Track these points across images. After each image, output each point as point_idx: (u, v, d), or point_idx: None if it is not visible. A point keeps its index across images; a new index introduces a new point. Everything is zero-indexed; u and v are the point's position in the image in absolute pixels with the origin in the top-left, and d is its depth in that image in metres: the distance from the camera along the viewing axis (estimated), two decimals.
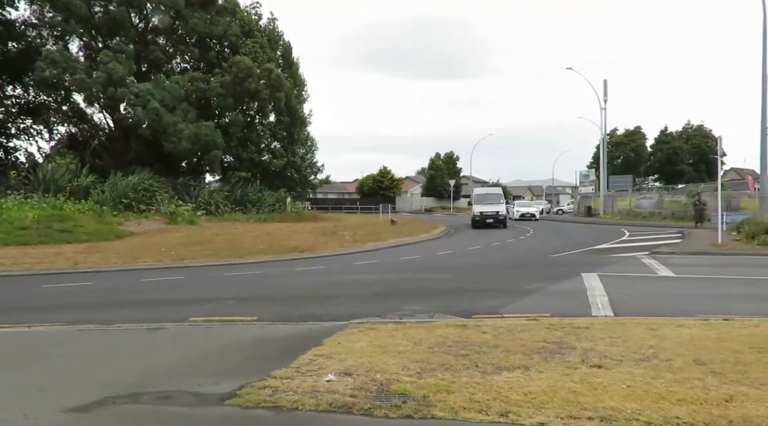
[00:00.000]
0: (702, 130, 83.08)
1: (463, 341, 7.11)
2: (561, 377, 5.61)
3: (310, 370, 6.02)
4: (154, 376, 6.17)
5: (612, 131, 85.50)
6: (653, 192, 50.96)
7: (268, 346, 7.43)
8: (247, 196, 39.11)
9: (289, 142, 44.73)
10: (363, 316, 9.20)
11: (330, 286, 13.39)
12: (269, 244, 23.23)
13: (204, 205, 35.16)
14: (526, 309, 9.72)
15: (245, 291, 13.00)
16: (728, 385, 5.33)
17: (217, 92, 37.02)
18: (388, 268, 17.04)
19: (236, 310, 10.36)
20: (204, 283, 14.80)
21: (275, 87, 39.25)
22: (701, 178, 72.92)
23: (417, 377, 5.71)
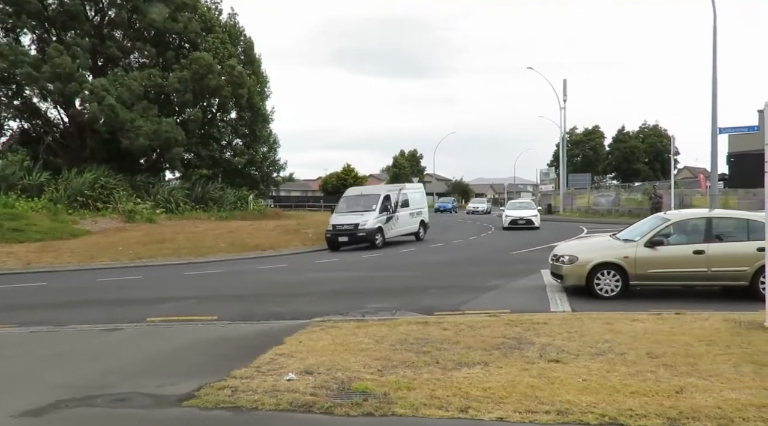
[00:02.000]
0: (657, 130, 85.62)
1: (425, 338, 7.17)
2: (519, 372, 5.71)
3: (271, 370, 5.99)
4: (109, 378, 6.03)
5: (571, 130, 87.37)
6: (611, 190, 52.16)
7: (228, 345, 7.36)
8: (208, 193, 38.50)
9: (251, 139, 44.16)
10: (325, 314, 9.20)
11: (292, 285, 13.32)
12: (231, 242, 22.95)
13: (164, 203, 34.46)
14: (487, 305, 9.86)
15: (206, 290, 12.82)
16: (679, 377, 5.52)
17: (175, 88, 36.25)
18: (351, 266, 17.03)
19: (196, 309, 10.23)
20: (163, 282, 14.54)
21: (237, 83, 38.69)
22: (656, 176, 75.17)
23: (378, 375, 5.73)
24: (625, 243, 10.88)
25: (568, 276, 10.84)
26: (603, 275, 10.48)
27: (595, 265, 10.50)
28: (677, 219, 11.06)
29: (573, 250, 11.35)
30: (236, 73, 38.56)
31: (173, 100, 38.30)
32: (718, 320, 7.89)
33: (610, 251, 10.76)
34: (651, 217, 11.99)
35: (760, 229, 10.13)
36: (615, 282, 10.45)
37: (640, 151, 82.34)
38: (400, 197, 23.78)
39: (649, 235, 10.53)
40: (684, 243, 10.54)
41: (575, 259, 10.76)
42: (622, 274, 10.42)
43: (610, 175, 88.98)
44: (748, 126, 25.76)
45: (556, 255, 11.37)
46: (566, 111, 51.45)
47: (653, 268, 10.33)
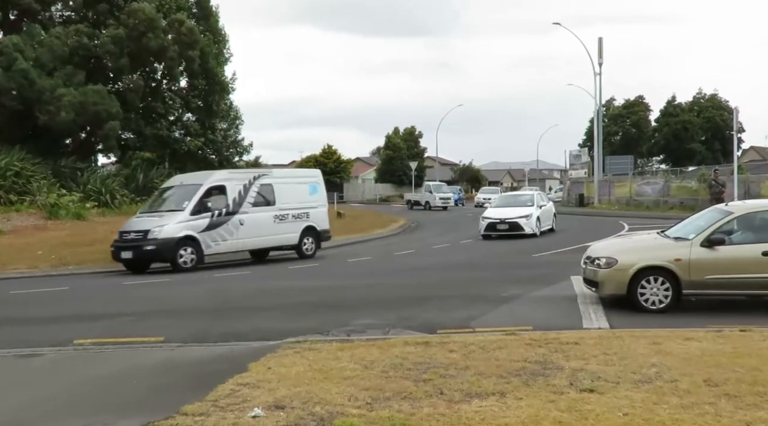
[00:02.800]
0: (716, 101, 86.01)
1: (426, 363, 7.15)
2: (545, 405, 5.70)
3: (232, 404, 5.95)
4: (24, 416, 5.98)
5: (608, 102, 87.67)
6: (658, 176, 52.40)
7: (177, 373, 7.33)
8: (152, 182, 38.34)
9: (206, 114, 43.99)
10: (300, 334, 9.15)
11: (259, 296, 13.29)
12: None
13: (95, 195, 34.29)
14: (503, 321, 9.85)
15: (149, 304, 12.77)
16: (745, 410, 5.53)
17: (108, 50, 36.02)
18: (333, 272, 17.02)
19: (137, 328, 10.17)
20: (95, 294, 14.48)
21: (187, 43, 38.48)
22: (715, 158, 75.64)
23: (367, 409, 5.71)
24: (676, 242, 10.91)
25: (605, 283, 10.85)
26: (649, 282, 10.49)
27: (639, 270, 10.51)
28: (742, 212, 11.08)
29: (611, 250, 11.37)
30: (185, 30, 38.32)
31: (106, 64, 38.02)
32: None
33: (658, 252, 10.79)
34: (709, 210, 12.04)
35: None
36: (664, 291, 10.46)
37: (694, 128, 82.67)
38: (250, 190, 19.02)
39: (707, 232, 10.54)
40: (751, 242, 10.57)
41: (614, 262, 10.77)
42: (673, 281, 10.42)
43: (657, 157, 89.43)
44: None
45: (591, 257, 11.38)
46: (602, 77, 51.52)
47: (712, 274, 10.36)
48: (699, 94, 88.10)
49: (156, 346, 8.89)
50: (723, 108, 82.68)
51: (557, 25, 51.37)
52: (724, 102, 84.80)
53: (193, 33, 38.97)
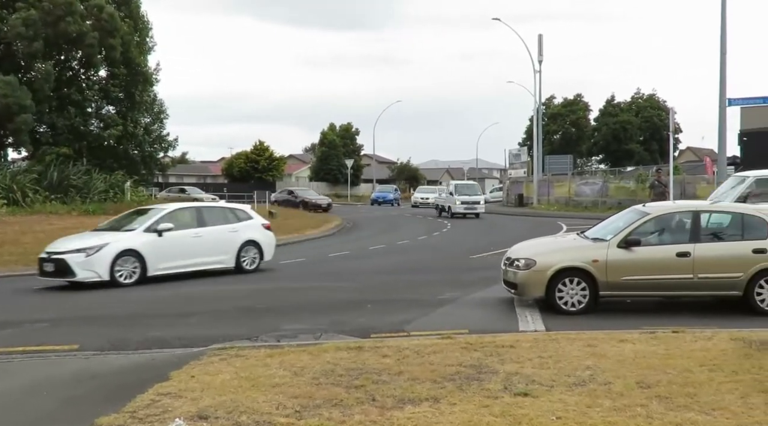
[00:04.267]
0: (654, 101, 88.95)
1: (358, 368, 7.20)
2: (478, 410, 5.81)
3: (151, 415, 5.86)
4: None
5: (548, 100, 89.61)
6: (597, 176, 53.89)
7: (92, 384, 7.17)
8: (68, 180, 37.18)
9: (127, 106, 42.93)
10: (227, 340, 9.10)
11: (183, 301, 13.09)
12: None
13: (4, 192, 33.06)
14: (439, 324, 9.98)
15: (63, 310, 12.42)
16: (675, 411, 5.76)
17: (18, 33, 34.73)
18: (263, 275, 16.88)
19: (49, 336, 9.89)
20: (3, 300, 13.98)
21: (106, 30, 37.49)
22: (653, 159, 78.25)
23: (296, 417, 5.71)
24: (594, 243, 11.21)
25: (524, 285, 11.08)
26: (567, 284, 10.77)
27: (557, 271, 10.76)
28: (659, 213, 11.50)
29: (530, 252, 11.53)
30: (105, 16, 37.35)
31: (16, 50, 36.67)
32: (723, 339, 8.30)
33: (576, 254, 11.06)
34: (627, 211, 12.41)
35: (757, 225, 10.76)
36: (581, 292, 10.76)
37: (633, 128, 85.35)
38: None
39: (624, 233, 10.89)
40: (666, 243, 11.01)
41: (533, 264, 10.98)
42: (591, 283, 10.73)
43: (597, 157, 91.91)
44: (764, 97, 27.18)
45: (510, 258, 11.56)
46: (542, 75, 52.67)
47: (628, 275, 10.70)
48: (637, 94, 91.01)
49: (70, 354, 8.67)
50: (661, 108, 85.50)
51: (497, 20, 52.07)
52: (662, 102, 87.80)
53: (114, 19, 38.04)
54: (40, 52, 36.21)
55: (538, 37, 52.83)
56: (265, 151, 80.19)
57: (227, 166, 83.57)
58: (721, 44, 25.87)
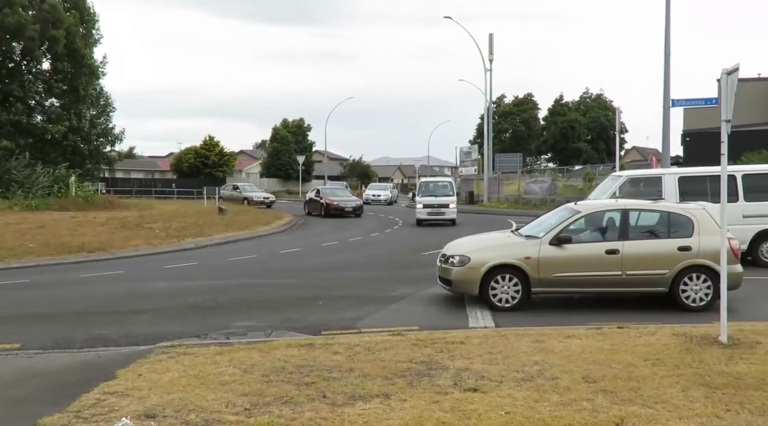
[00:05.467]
0: (601, 101, 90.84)
1: (309, 366, 7.20)
2: (428, 405, 5.87)
3: (97, 414, 5.78)
4: None
5: (499, 99, 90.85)
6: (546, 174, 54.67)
7: (35, 383, 7.04)
8: (9, 174, 36.28)
9: (72, 99, 41.94)
10: (175, 338, 9.03)
11: (130, 298, 12.87)
12: (43, 241, 21.78)
13: None
14: (390, 321, 10.06)
15: (4, 308, 12.09)
16: (620, 405, 5.92)
17: None
18: (213, 271, 16.72)
19: None
20: None
21: (50, 21, 36.60)
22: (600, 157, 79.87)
23: (245, 415, 5.70)
24: (527, 240, 11.44)
25: (458, 281, 11.25)
26: (499, 281, 10.96)
27: (490, 268, 10.96)
28: (589, 211, 11.80)
29: (465, 249, 11.71)
30: (48, 7, 36.43)
31: None
32: (666, 334, 8.53)
33: (509, 250, 11.26)
34: (560, 209, 12.66)
35: (682, 224, 11.11)
36: (514, 288, 10.96)
37: (581, 127, 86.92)
38: None
39: (555, 231, 11.14)
40: (596, 241, 11.29)
41: (467, 260, 11.18)
42: (523, 279, 10.94)
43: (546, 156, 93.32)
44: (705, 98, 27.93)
45: (445, 255, 11.71)
46: (493, 74, 53.24)
47: (559, 272, 10.94)
48: (586, 93, 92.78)
49: (11, 353, 8.48)
50: (608, 108, 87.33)
51: (448, 18, 52.37)
52: (609, 102, 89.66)
53: (57, 10, 37.18)
54: None
55: (489, 36, 53.37)
56: (215, 146, 79.24)
57: (176, 161, 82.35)
58: (665, 46, 26.50)
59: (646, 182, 17.15)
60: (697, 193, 14.85)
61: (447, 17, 52.58)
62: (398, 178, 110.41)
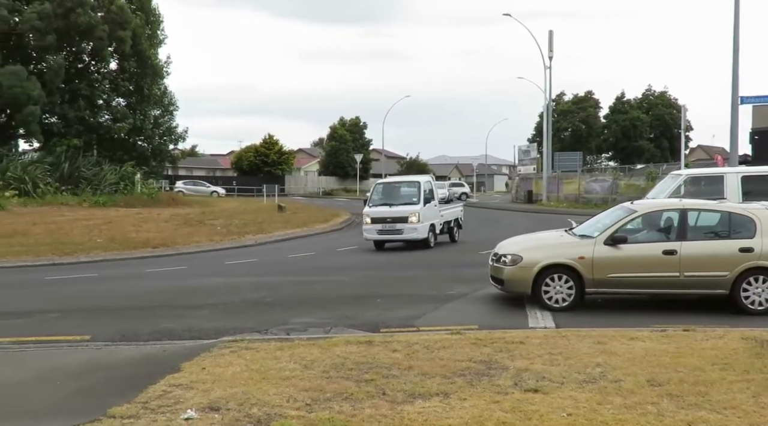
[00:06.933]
0: (665, 99, 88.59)
1: (368, 363, 7.21)
2: (489, 405, 5.82)
3: (163, 406, 5.90)
4: None
5: (558, 97, 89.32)
6: (607, 173, 53.64)
7: (104, 374, 7.21)
8: (79, 171, 37.43)
9: (137, 99, 43.11)
10: (237, 333, 9.14)
11: (193, 293, 13.15)
12: (110, 236, 22.44)
13: (15, 183, 33.28)
14: (448, 320, 9.99)
15: (74, 301, 12.52)
16: (686, 410, 5.75)
17: (33, 26, 34.88)
18: (272, 268, 16.94)
19: (60, 326, 9.99)
20: (14, 290, 14.10)
21: (117, 22, 37.64)
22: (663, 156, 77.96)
23: (306, 410, 5.73)
24: (581, 240, 11.23)
25: (510, 281, 11.11)
26: (553, 280, 10.77)
27: (543, 268, 10.79)
28: (646, 210, 11.50)
29: (517, 248, 11.57)
30: (116, 8, 37.45)
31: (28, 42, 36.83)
32: (735, 338, 8.27)
33: (563, 250, 11.07)
34: (615, 208, 12.39)
35: (744, 224, 10.70)
36: (567, 289, 10.75)
37: (643, 125, 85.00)
38: None
39: (611, 230, 10.89)
40: (653, 241, 11.00)
41: (519, 260, 11.03)
42: (577, 279, 10.73)
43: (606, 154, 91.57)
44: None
45: (497, 254, 11.59)
46: (552, 71, 52.37)
47: (614, 272, 10.69)
48: (648, 91, 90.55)
49: (82, 345, 8.74)
50: (672, 106, 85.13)
51: (507, 16, 51.95)
52: (673, 100, 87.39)
53: (124, 11, 38.19)
54: (53, 46, 36.36)
55: (549, 33, 52.54)
56: (275, 144, 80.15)
57: (236, 159, 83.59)
58: (734, 42, 25.68)
59: (707, 181, 16.65)
60: (762, 193, 14.34)
61: (506, 15, 52.27)
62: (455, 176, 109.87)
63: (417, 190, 21.33)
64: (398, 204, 21.03)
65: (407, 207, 20.73)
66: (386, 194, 22.00)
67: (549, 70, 51.94)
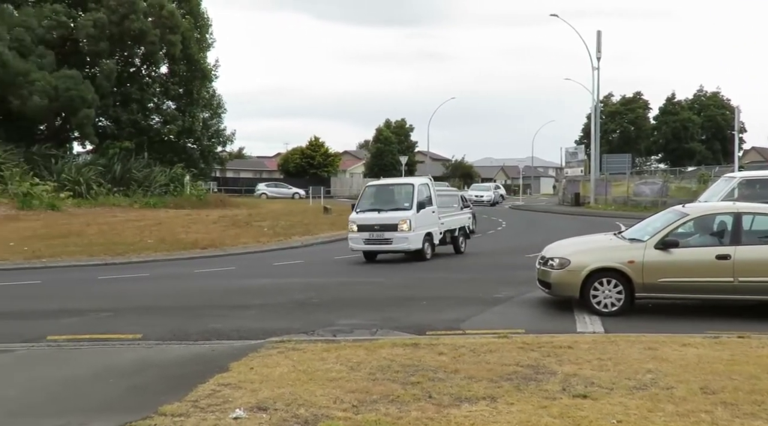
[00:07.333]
0: (717, 100, 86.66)
1: (414, 365, 7.19)
2: (536, 410, 5.75)
3: (212, 405, 5.97)
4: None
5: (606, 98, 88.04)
6: (657, 176, 52.64)
7: (155, 372, 7.34)
8: (130, 173, 38.20)
9: (186, 101, 43.85)
10: (284, 333, 9.20)
11: (241, 294, 13.29)
12: (160, 237, 22.83)
13: (70, 185, 34.14)
14: (494, 323, 9.90)
15: (126, 300, 12.76)
16: (742, 419, 5.60)
17: (88, 33, 35.76)
18: (318, 270, 17.03)
19: (113, 325, 10.18)
20: (69, 289, 14.45)
21: (168, 27, 38.33)
22: (715, 158, 76.25)
23: (353, 412, 5.74)
24: (630, 243, 11.02)
25: (557, 284, 10.97)
26: (602, 284, 10.60)
27: (591, 272, 10.62)
28: (698, 214, 11.23)
29: (565, 251, 11.41)
30: (166, 13, 38.14)
31: (83, 47, 37.75)
32: None
33: (612, 254, 10.87)
34: (666, 211, 12.12)
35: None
36: (617, 293, 10.56)
37: (695, 127, 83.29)
38: None
39: (661, 234, 10.65)
40: (706, 245, 10.73)
41: (567, 263, 10.86)
42: (626, 284, 10.53)
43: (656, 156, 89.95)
44: None
45: (545, 257, 11.45)
46: (600, 72, 51.69)
47: (665, 277, 10.45)
48: (700, 91, 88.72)
49: (133, 343, 8.91)
50: (724, 107, 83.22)
51: (554, 16, 51.35)
52: (725, 100, 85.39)
53: (174, 16, 38.84)
54: (106, 51, 37.20)
55: (597, 33, 51.85)
56: (321, 147, 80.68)
57: (283, 161, 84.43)
58: None
59: (762, 184, 16.22)
60: None
61: (553, 15, 51.58)
62: (501, 178, 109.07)
63: (410, 194, 18.65)
64: (388, 209, 18.50)
65: (397, 213, 18.19)
66: (376, 198, 19.35)
67: (597, 70, 51.28)
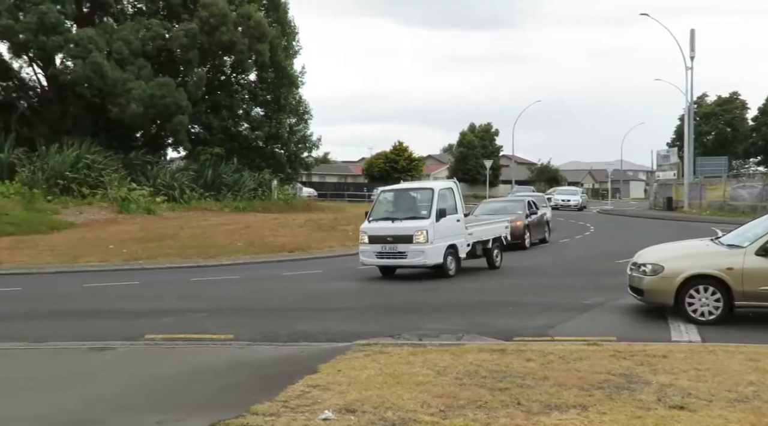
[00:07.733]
0: None
1: (502, 371, 7.11)
2: (630, 421, 5.59)
3: (302, 405, 6.06)
4: (96, 411, 6.24)
5: (700, 99, 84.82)
6: (756, 179, 50.33)
7: (246, 372, 7.51)
8: (220, 178, 39.21)
9: (274, 108, 44.73)
10: (370, 336, 9.24)
11: (328, 297, 13.45)
12: (249, 240, 23.34)
13: (165, 189, 35.35)
14: (584, 330, 9.70)
15: (218, 301, 13.12)
16: None
17: (181, 43, 37.03)
18: (403, 273, 17.03)
19: (206, 325, 10.48)
20: (165, 290, 14.97)
21: (256, 36, 39.19)
22: None
23: (440, 417, 5.72)
24: (729, 249, 10.56)
25: (650, 291, 10.61)
26: (698, 292, 10.17)
27: (686, 278, 10.20)
28: None
29: (658, 257, 11.02)
30: (254, 23, 38.97)
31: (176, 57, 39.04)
32: None
33: (708, 260, 10.44)
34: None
35: None
36: (714, 302, 10.11)
37: None
38: None
39: (763, 240, 10.13)
40: None
41: (660, 270, 10.48)
42: (725, 291, 10.07)
43: (755, 159, 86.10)
44: None
45: (637, 263, 11.10)
46: (693, 72, 49.77)
47: (766, 285, 9.92)
48: None
49: (226, 343, 9.16)
50: None
51: (645, 15, 49.90)
52: None
53: (262, 25, 39.63)
54: (196, 60, 38.41)
55: (690, 32, 49.96)
56: (404, 151, 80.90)
57: (367, 166, 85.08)
58: None
59: None
60: None
61: (644, 14, 50.23)
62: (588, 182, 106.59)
63: (429, 201, 15.96)
64: (403, 218, 16.01)
65: (413, 222, 15.71)
66: (391, 205, 17.06)
67: (690, 70, 49.40)
